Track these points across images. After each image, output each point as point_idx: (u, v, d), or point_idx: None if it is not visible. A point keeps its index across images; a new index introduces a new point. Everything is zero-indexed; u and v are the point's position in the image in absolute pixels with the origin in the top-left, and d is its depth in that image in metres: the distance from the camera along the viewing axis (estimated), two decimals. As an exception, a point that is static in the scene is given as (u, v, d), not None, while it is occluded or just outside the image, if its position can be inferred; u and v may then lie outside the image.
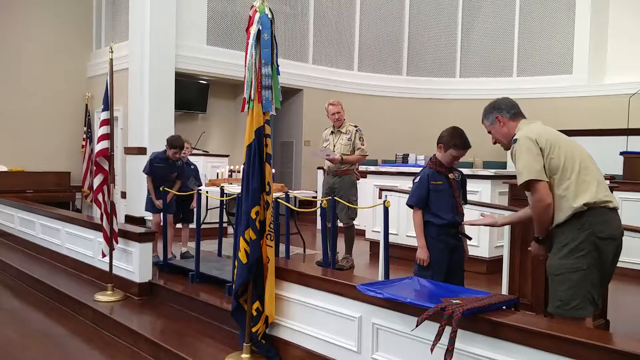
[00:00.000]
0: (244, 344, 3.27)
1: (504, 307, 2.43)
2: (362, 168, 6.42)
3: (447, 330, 2.21)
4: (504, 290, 3.47)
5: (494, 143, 2.81)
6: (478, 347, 2.30)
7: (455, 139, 3.13)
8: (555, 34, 10.49)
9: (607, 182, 5.21)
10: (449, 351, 2.18)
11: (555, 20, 10.48)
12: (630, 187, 5.44)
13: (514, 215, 3.02)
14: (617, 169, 5.97)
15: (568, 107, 9.84)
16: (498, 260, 4.20)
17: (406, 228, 5.85)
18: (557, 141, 2.52)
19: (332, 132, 5.42)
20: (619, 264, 5.33)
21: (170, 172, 5.44)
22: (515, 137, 2.57)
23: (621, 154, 6.08)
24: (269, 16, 3.18)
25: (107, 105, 4.78)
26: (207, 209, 6.67)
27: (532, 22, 10.69)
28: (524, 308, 2.92)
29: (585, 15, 10.14)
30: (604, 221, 2.45)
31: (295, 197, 5.60)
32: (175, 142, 5.34)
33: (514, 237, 3.48)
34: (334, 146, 5.33)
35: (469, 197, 3.52)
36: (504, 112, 2.70)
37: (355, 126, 5.35)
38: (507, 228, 3.51)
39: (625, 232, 3.01)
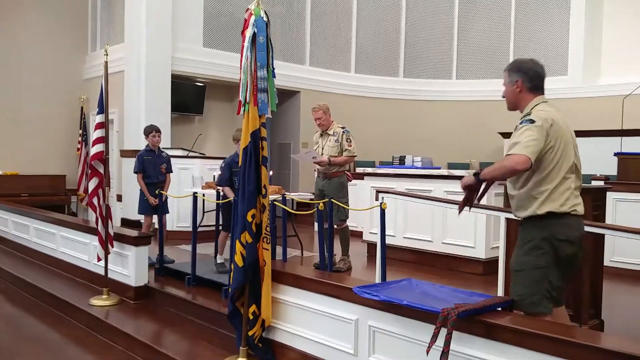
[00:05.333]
0: (241, 347, 3.27)
1: (499, 309, 2.45)
2: (359, 170, 6.40)
3: (443, 332, 2.21)
4: (500, 291, 3.47)
5: (503, 97, 2.72)
6: (474, 349, 2.31)
7: None
8: (551, 36, 10.53)
9: (601, 183, 5.23)
10: (445, 353, 2.18)
11: (551, 22, 10.53)
12: (624, 187, 5.46)
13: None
14: (612, 169, 5.99)
15: (563, 109, 9.66)
16: (494, 262, 4.20)
17: (403, 230, 5.86)
18: (559, 139, 2.49)
19: (321, 135, 5.41)
20: (614, 264, 5.34)
21: (159, 163, 5.77)
22: (531, 117, 2.48)
23: (615, 154, 6.11)
24: (265, 19, 3.19)
25: (103, 108, 4.78)
26: (203, 212, 6.65)
27: (527, 24, 10.73)
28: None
29: (579, 16, 10.20)
30: (564, 224, 2.48)
31: (292, 200, 5.59)
32: (147, 128, 5.80)
33: (509, 238, 3.49)
34: (322, 148, 5.31)
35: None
36: (525, 79, 2.62)
37: (343, 127, 5.31)
38: (502, 230, 3.51)
39: (620, 233, 3.03)
